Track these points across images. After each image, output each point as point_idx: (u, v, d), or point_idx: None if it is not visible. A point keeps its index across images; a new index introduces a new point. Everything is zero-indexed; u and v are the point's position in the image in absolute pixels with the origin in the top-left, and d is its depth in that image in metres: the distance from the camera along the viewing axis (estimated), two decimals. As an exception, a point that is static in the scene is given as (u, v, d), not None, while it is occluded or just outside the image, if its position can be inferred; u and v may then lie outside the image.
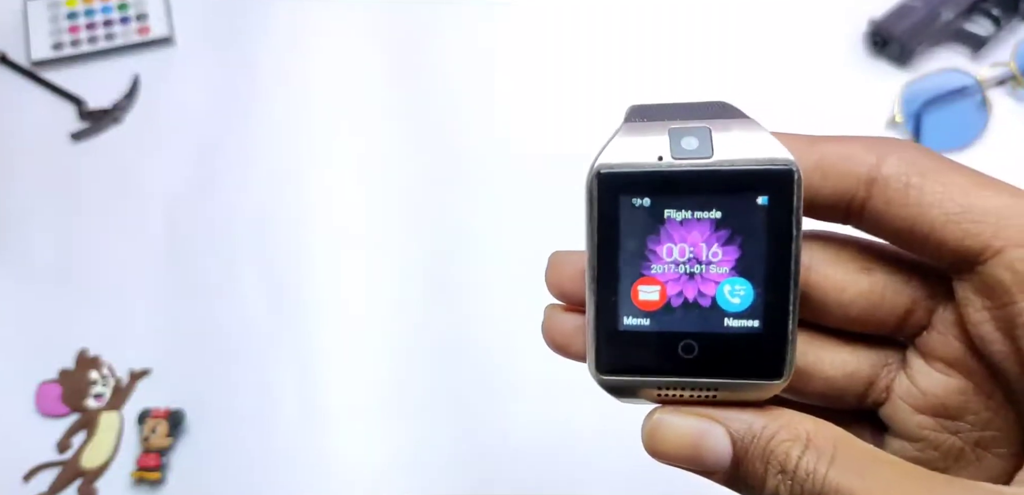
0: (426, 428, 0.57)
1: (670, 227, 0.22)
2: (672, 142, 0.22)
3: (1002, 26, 0.68)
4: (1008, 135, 0.64)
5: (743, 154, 0.22)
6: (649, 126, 0.23)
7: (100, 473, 0.57)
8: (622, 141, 0.23)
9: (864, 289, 0.24)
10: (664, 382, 0.23)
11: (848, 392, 0.25)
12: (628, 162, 0.22)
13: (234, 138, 0.68)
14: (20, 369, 0.60)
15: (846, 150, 0.23)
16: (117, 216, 0.66)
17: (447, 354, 0.59)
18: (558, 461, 0.55)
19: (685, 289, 0.23)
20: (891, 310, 0.24)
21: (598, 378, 0.24)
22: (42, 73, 0.72)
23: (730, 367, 0.23)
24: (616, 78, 0.68)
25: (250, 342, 0.61)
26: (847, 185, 0.23)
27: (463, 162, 0.66)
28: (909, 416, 0.24)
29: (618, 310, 0.23)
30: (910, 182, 0.22)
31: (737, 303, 0.22)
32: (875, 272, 0.24)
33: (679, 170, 0.22)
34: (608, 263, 0.23)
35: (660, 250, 0.23)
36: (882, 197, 0.22)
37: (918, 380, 0.24)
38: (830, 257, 0.24)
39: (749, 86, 0.67)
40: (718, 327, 0.23)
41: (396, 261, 0.63)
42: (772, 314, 0.22)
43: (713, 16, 0.70)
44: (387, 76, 0.70)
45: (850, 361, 0.25)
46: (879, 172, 0.22)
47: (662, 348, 0.23)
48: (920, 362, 0.24)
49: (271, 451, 0.57)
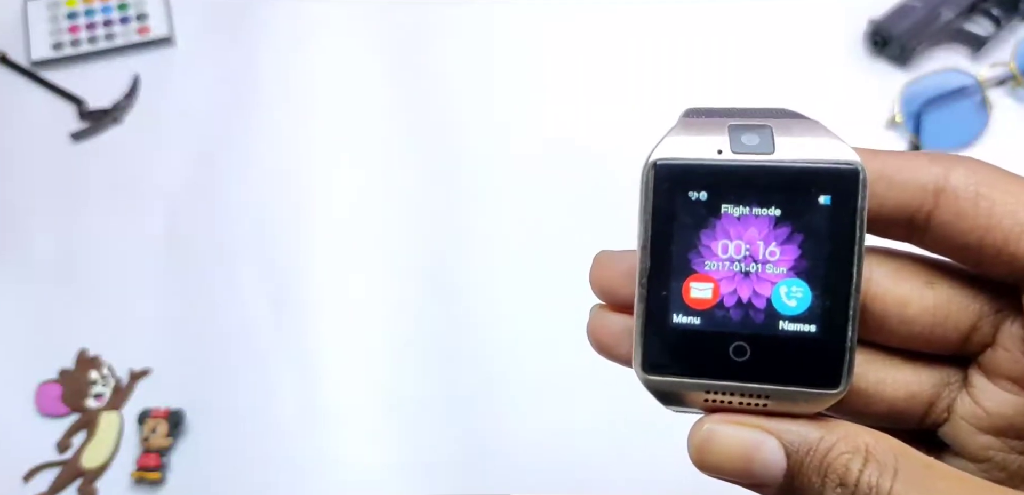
0: (426, 428, 0.57)
1: (727, 223, 0.22)
2: (732, 138, 0.22)
3: (1002, 26, 0.68)
4: (1008, 135, 0.64)
5: (806, 153, 0.21)
6: (708, 123, 0.22)
7: (100, 473, 0.57)
8: (679, 136, 0.22)
9: (928, 305, 0.23)
10: (713, 385, 0.22)
11: (908, 413, 0.24)
12: (686, 155, 0.22)
13: (234, 138, 0.68)
14: (20, 369, 0.60)
15: (911, 162, 0.22)
16: (117, 216, 0.66)
17: (447, 354, 0.59)
18: (558, 461, 0.55)
19: (739, 288, 0.22)
20: (955, 327, 0.23)
21: (644, 379, 0.23)
22: (42, 73, 0.72)
23: (784, 373, 0.22)
24: (616, 78, 0.68)
25: (250, 342, 0.61)
26: (913, 196, 0.22)
27: (463, 162, 0.66)
28: (972, 437, 0.23)
29: (668, 307, 0.22)
30: (979, 193, 0.21)
31: (794, 305, 0.21)
32: (939, 287, 0.23)
33: (739, 164, 0.21)
34: (660, 258, 0.22)
35: (715, 246, 0.22)
36: (951, 209, 0.22)
37: (982, 399, 0.23)
38: (892, 271, 0.23)
39: (749, 86, 0.67)
40: (772, 330, 0.22)
41: (396, 261, 0.63)
42: (831, 319, 0.21)
43: (713, 16, 0.70)
44: (387, 75, 0.70)
45: (912, 381, 0.24)
46: (947, 183, 0.22)
47: (712, 349, 0.22)
48: (983, 380, 0.23)
49: (271, 451, 0.57)
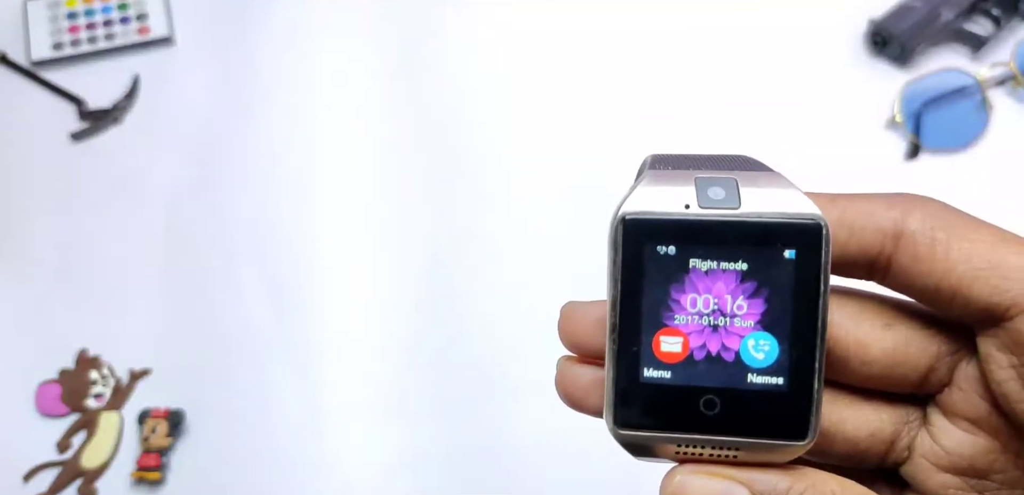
0: (426, 429, 0.57)
1: (695, 277, 0.22)
2: (699, 191, 0.22)
3: (1002, 26, 0.68)
4: (1008, 135, 0.64)
5: (771, 207, 0.22)
6: (674, 175, 0.23)
7: (100, 473, 0.57)
8: (647, 189, 0.22)
9: (887, 346, 0.23)
10: (684, 439, 0.22)
11: (870, 452, 0.24)
12: (654, 209, 0.22)
13: (234, 138, 0.68)
14: (20, 369, 0.60)
15: (869, 206, 0.23)
16: (117, 216, 0.66)
17: (447, 354, 0.59)
18: (558, 462, 0.55)
19: (708, 342, 0.22)
20: (913, 367, 0.23)
21: (616, 433, 0.23)
22: (42, 73, 0.72)
23: (753, 426, 0.22)
24: (616, 79, 0.68)
25: (250, 342, 0.60)
26: (874, 241, 0.22)
27: (463, 162, 0.66)
28: (931, 475, 0.23)
29: (639, 362, 0.22)
30: (936, 237, 0.22)
31: (761, 358, 0.22)
32: (897, 328, 0.23)
33: (707, 219, 0.22)
34: (631, 312, 0.22)
35: (684, 300, 0.22)
36: (909, 252, 0.22)
37: (941, 438, 0.23)
38: (852, 313, 0.24)
39: (749, 86, 0.67)
40: (741, 383, 0.22)
41: (396, 261, 0.63)
42: (798, 372, 0.22)
43: (713, 18, 0.70)
44: (387, 75, 0.70)
45: (872, 420, 0.24)
46: (905, 227, 0.22)
47: (683, 403, 0.22)
48: (942, 420, 0.23)
49: (271, 451, 0.57)
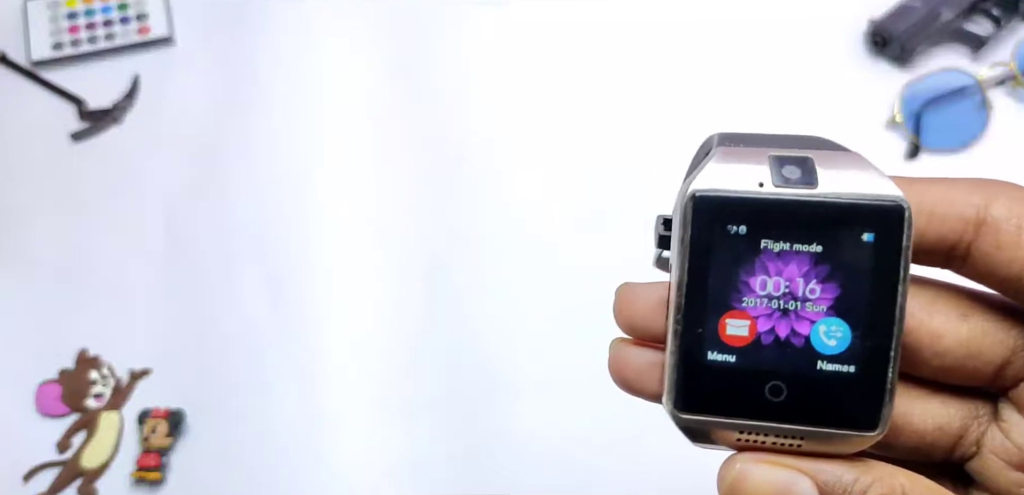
0: (426, 429, 0.57)
1: (766, 258, 0.21)
2: (773, 170, 0.21)
3: (1002, 26, 0.68)
4: (1008, 135, 0.64)
5: (849, 187, 0.21)
6: (746, 152, 0.22)
7: (100, 473, 0.57)
8: (719, 165, 0.21)
9: (962, 337, 0.22)
10: (747, 426, 0.22)
11: (937, 446, 0.24)
12: (726, 187, 0.21)
13: (234, 138, 0.68)
14: (20, 369, 0.60)
15: (950, 192, 0.22)
16: (117, 216, 0.66)
17: (447, 354, 0.59)
18: (558, 462, 0.55)
19: (777, 326, 0.21)
20: (988, 360, 0.23)
21: (676, 417, 0.22)
22: (42, 73, 0.72)
23: (820, 414, 0.21)
24: (618, 78, 0.68)
25: (250, 342, 0.60)
26: (953, 227, 0.22)
27: (463, 162, 0.66)
28: (1002, 472, 0.23)
29: (703, 344, 0.21)
30: (1022, 225, 0.21)
31: (833, 345, 0.21)
32: (973, 319, 0.23)
33: (781, 198, 0.21)
34: (696, 293, 0.21)
35: (753, 282, 0.21)
36: (992, 240, 0.21)
37: (1013, 434, 0.23)
38: (926, 302, 0.23)
39: (749, 86, 0.67)
40: (810, 370, 0.21)
41: (396, 261, 0.63)
42: (871, 360, 0.21)
43: (713, 16, 0.70)
44: (387, 75, 0.70)
45: (941, 413, 0.23)
46: (988, 214, 0.21)
47: (748, 388, 0.21)
48: (1015, 415, 0.23)
49: (271, 451, 0.57)
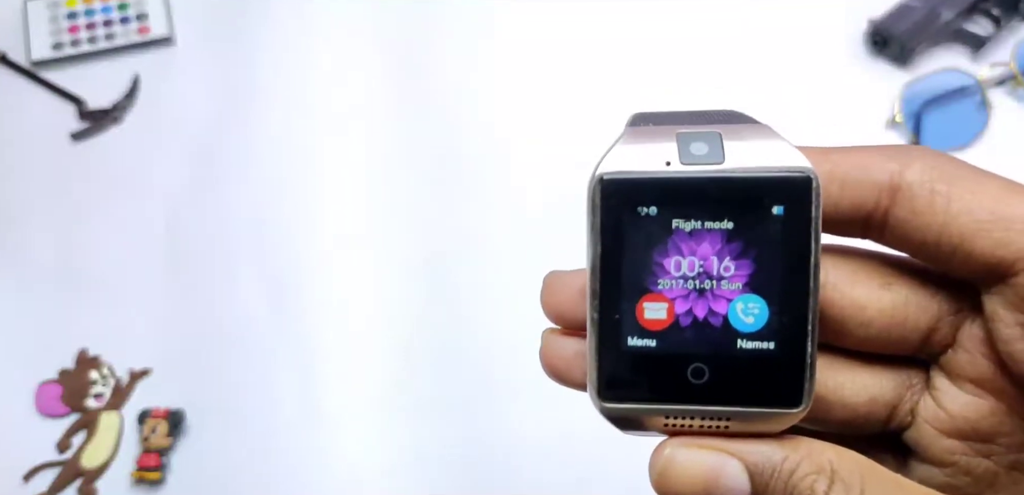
0: (426, 428, 0.57)
1: (678, 238, 0.21)
2: (681, 147, 0.21)
3: (1002, 26, 0.68)
4: (1008, 135, 0.64)
5: (757, 161, 0.20)
6: (655, 131, 0.21)
7: (100, 473, 0.57)
8: (626, 147, 0.21)
9: (885, 306, 0.22)
10: (672, 410, 0.21)
11: (871, 418, 0.23)
12: (633, 169, 0.21)
13: (234, 138, 0.68)
14: (20, 369, 0.60)
15: (864, 159, 0.21)
16: (117, 216, 0.66)
17: (447, 354, 0.59)
18: (558, 461, 0.55)
19: (695, 307, 0.21)
20: (914, 328, 0.22)
21: (600, 406, 0.22)
22: (42, 73, 0.72)
23: (743, 394, 0.21)
24: (617, 78, 0.68)
25: (250, 342, 0.60)
26: (868, 194, 0.21)
27: (463, 162, 0.66)
28: (936, 440, 0.22)
29: (622, 331, 0.21)
30: (936, 189, 0.21)
31: (751, 323, 0.21)
32: (896, 287, 0.22)
33: (689, 176, 0.20)
34: (611, 278, 0.21)
35: (668, 264, 0.21)
36: (907, 206, 0.21)
37: (944, 402, 0.22)
38: (847, 273, 0.22)
39: (749, 86, 0.67)
40: (730, 349, 0.21)
41: (396, 261, 0.63)
42: (789, 335, 0.21)
43: (713, 16, 0.70)
44: (387, 75, 0.70)
45: (872, 385, 0.23)
46: (903, 179, 0.21)
47: (670, 372, 0.21)
48: (946, 382, 0.22)
49: (271, 451, 0.57)
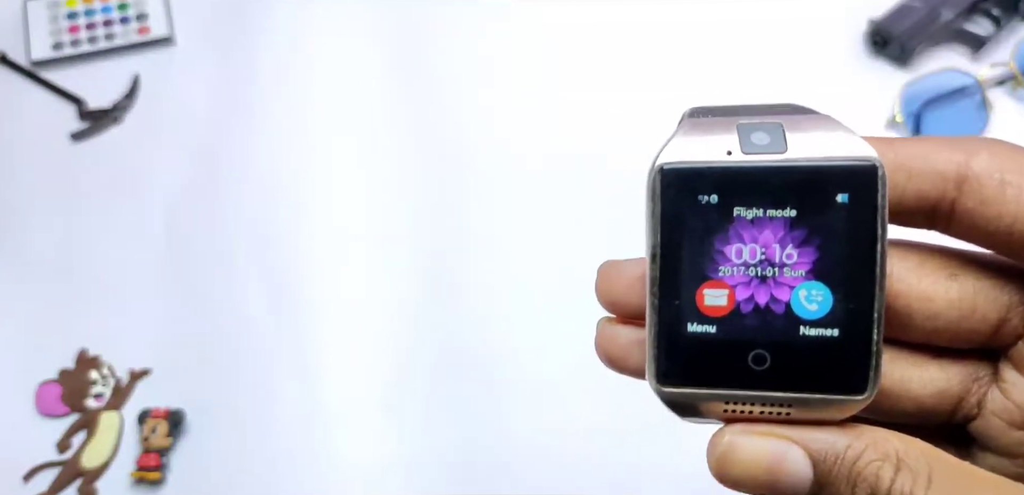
0: (426, 428, 0.57)
1: (740, 226, 0.21)
2: (742, 137, 0.21)
3: (1002, 26, 0.68)
4: (1008, 135, 0.64)
5: (820, 150, 0.21)
6: (714, 123, 0.22)
7: (100, 473, 0.57)
8: (686, 137, 0.21)
9: (953, 298, 0.22)
10: (732, 396, 0.21)
11: (938, 411, 0.23)
12: (694, 158, 0.21)
13: (234, 138, 0.68)
14: (20, 369, 0.60)
15: (929, 149, 0.21)
16: (117, 216, 0.66)
17: (447, 354, 0.59)
18: (558, 461, 0.55)
19: (756, 294, 0.21)
20: (982, 319, 0.22)
21: (659, 390, 0.22)
22: (42, 73, 0.72)
23: (806, 380, 0.21)
24: (617, 77, 0.68)
25: (250, 342, 0.60)
26: (934, 185, 0.21)
27: (463, 162, 0.66)
28: (1005, 432, 0.22)
29: (682, 316, 0.21)
30: (1006, 179, 0.21)
31: (814, 309, 0.21)
32: (963, 279, 0.22)
33: (750, 165, 0.21)
34: (671, 266, 0.21)
35: (729, 251, 0.21)
36: (975, 196, 0.21)
37: (1013, 394, 0.22)
38: (913, 265, 0.22)
39: (749, 86, 0.67)
40: (793, 336, 0.21)
41: (396, 261, 0.63)
42: (854, 322, 0.20)
43: (714, 17, 0.70)
44: (387, 75, 0.70)
45: (940, 378, 0.23)
46: (970, 170, 0.21)
47: (730, 358, 0.21)
48: (1015, 374, 0.22)
49: (271, 451, 0.57)
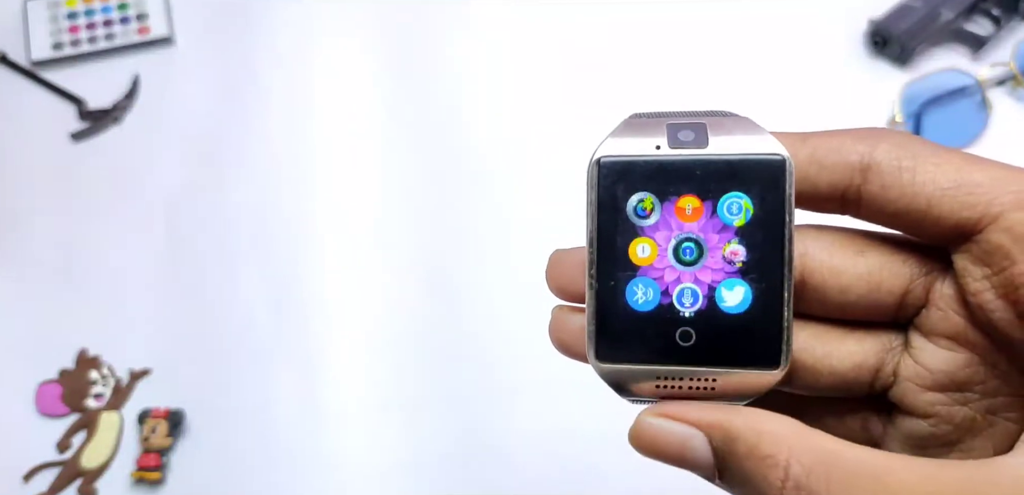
0: (426, 428, 0.57)
1: (667, 214, 0.23)
2: (669, 135, 0.23)
3: (1002, 26, 0.68)
4: (1008, 135, 0.64)
5: (737, 147, 0.23)
6: (649, 124, 0.24)
7: (100, 473, 0.57)
8: (621, 136, 0.24)
9: (861, 272, 0.24)
10: (662, 371, 0.23)
11: (857, 382, 0.25)
12: (627, 152, 0.23)
13: (234, 138, 0.68)
14: (20, 369, 0.60)
15: (837, 141, 0.24)
16: (117, 216, 0.66)
17: (447, 354, 0.59)
18: (558, 461, 0.55)
19: (682, 276, 0.23)
20: (888, 291, 0.24)
21: (597, 367, 0.24)
22: (42, 73, 0.72)
23: (727, 356, 0.23)
24: (618, 78, 0.68)
25: (250, 342, 0.60)
26: (842, 174, 0.23)
27: (464, 161, 0.66)
28: (918, 395, 0.24)
29: (616, 298, 0.23)
30: (902, 165, 0.23)
31: (732, 291, 0.23)
32: (869, 255, 0.24)
33: (675, 158, 0.23)
34: (606, 252, 0.23)
35: (657, 237, 0.23)
36: (877, 181, 0.23)
37: (923, 358, 0.24)
38: (825, 244, 0.25)
39: (749, 86, 0.67)
40: (715, 315, 0.23)
41: (397, 260, 0.63)
42: (768, 302, 0.23)
43: (714, 17, 0.70)
44: (388, 75, 0.70)
45: (856, 351, 0.25)
46: (872, 158, 0.23)
47: (660, 336, 0.23)
48: (923, 341, 0.24)
49: (271, 451, 0.57)
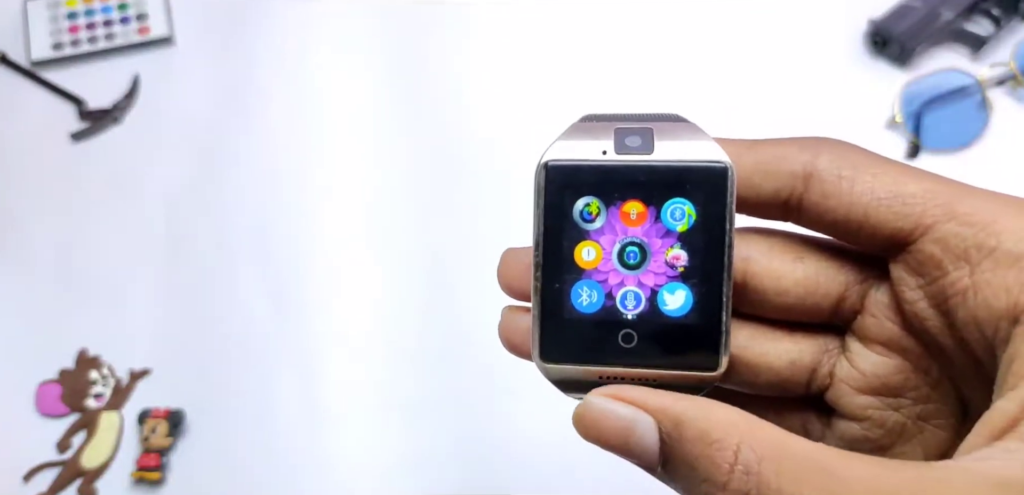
0: (426, 428, 0.57)
1: (611, 218, 0.24)
2: (616, 140, 0.24)
3: (1002, 26, 0.68)
4: (1008, 135, 0.64)
5: (681, 153, 0.23)
6: (598, 127, 0.24)
7: (100, 473, 0.57)
8: (570, 138, 0.24)
9: (798, 277, 0.25)
10: (604, 372, 0.24)
11: (794, 381, 0.26)
12: (574, 157, 0.24)
13: (234, 138, 0.68)
14: (20, 369, 0.60)
15: (782, 150, 0.24)
16: (117, 216, 0.66)
17: (447, 354, 0.59)
18: (558, 461, 0.55)
19: (625, 279, 0.24)
20: (825, 296, 0.25)
21: (543, 367, 0.25)
22: (42, 73, 0.72)
23: (667, 356, 0.24)
24: (617, 81, 0.68)
25: (250, 342, 0.61)
26: (785, 182, 0.24)
27: (464, 161, 0.66)
28: (852, 398, 0.25)
29: (561, 299, 0.24)
30: (842, 174, 0.23)
31: (673, 295, 0.24)
32: (807, 260, 0.25)
33: (621, 164, 0.24)
34: (552, 254, 0.24)
35: (602, 241, 0.24)
36: (818, 190, 0.24)
37: (857, 363, 0.25)
38: (765, 248, 0.25)
39: (749, 86, 0.67)
40: (656, 317, 0.24)
41: (396, 261, 0.63)
42: (707, 307, 0.23)
43: (714, 17, 0.70)
44: (387, 75, 0.70)
45: (793, 351, 0.26)
46: (814, 167, 0.24)
47: (602, 337, 0.24)
48: (858, 345, 0.25)
49: (271, 451, 0.57)
